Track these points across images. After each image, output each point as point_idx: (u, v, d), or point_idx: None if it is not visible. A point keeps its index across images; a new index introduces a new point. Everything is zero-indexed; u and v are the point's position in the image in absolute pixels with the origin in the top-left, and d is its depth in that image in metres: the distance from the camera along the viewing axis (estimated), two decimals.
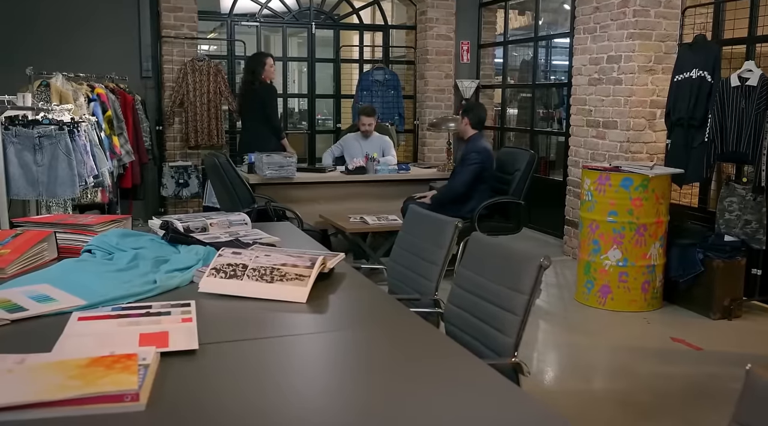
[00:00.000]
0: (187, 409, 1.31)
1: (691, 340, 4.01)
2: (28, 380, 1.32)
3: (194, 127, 6.89)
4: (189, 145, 6.95)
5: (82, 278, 2.07)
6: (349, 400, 1.41)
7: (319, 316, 1.91)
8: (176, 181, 7.00)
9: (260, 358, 1.60)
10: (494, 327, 1.90)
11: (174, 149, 7.03)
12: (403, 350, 1.68)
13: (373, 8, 8.07)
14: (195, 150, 6.99)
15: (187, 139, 6.92)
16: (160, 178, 6.98)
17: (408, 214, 2.77)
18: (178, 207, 7.08)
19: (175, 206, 7.08)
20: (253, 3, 7.43)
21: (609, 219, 4.48)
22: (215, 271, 2.04)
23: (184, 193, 7.00)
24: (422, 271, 2.49)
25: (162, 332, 1.65)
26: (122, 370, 1.36)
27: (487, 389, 1.44)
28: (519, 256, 1.94)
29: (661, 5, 5.09)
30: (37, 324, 1.75)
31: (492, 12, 8.13)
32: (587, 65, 5.62)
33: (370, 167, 5.50)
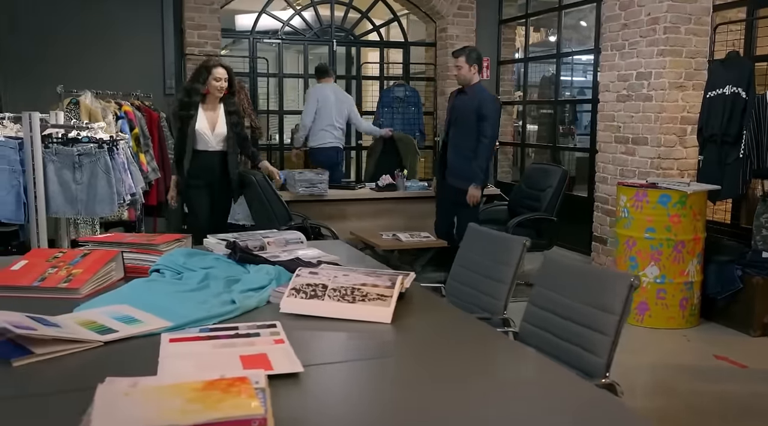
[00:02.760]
0: None
1: (735, 358, 3.98)
2: (149, 404, 1.30)
3: None
4: None
5: (158, 299, 2.05)
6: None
7: (409, 337, 1.89)
8: None
9: (367, 380, 1.58)
10: (582, 347, 1.89)
11: None
12: (503, 371, 1.67)
13: (387, 26, 8.11)
14: None
15: None
16: None
17: (468, 231, 2.75)
18: None
19: None
20: (274, 21, 7.48)
21: (646, 236, 4.47)
22: (295, 292, 2.03)
23: None
24: (487, 289, 2.48)
25: (260, 354, 1.63)
26: (240, 393, 1.34)
27: (594, 407, 1.42)
28: (604, 275, 1.93)
29: (692, 22, 5.10)
30: (128, 345, 1.73)
31: (511, 29, 8.17)
32: (615, 82, 5.63)
33: (400, 184, 5.50)
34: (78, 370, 1.59)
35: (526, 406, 1.46)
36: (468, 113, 4.88)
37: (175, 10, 6.93)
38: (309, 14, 7.68)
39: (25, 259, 2.30)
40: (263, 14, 7.33)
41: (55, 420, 1.37)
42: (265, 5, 7.35)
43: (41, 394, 1.47)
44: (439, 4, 7.67)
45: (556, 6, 7.10)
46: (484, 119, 4.83)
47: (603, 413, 1.46)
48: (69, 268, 2.22)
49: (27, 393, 1.48)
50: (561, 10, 7.04)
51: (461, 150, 4.85)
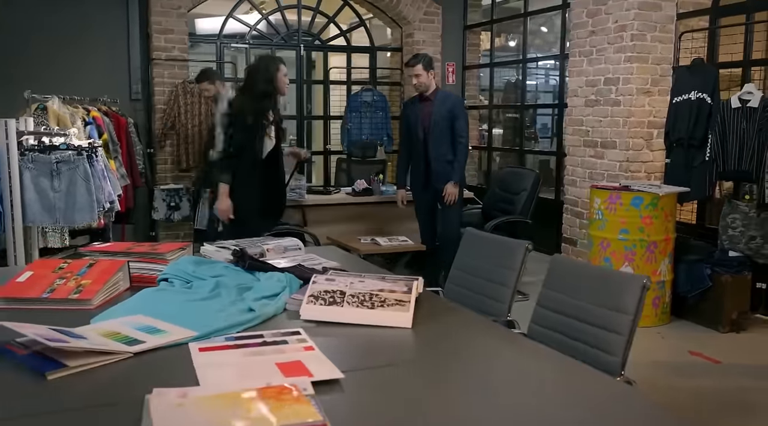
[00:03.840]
0: None
1: (708, 354, 4.14)
2: (207, 414, 1.31)
3: (186, 149, 6.82)
4: (180, 168, 6.87)
5: (174, 308, 2.04)
6: None
7: (431, 340, 1.93)
8: (168, 205, 6.89)
9: (402, 384, 1.61)
10: (596, 346, 1.95)
11: (165, 172, 6.94)
12: (525, 368, 1.72)
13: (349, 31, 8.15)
14: (186, 173, 6.92)
15: (178, 161, 6.85)
16: (151, 202, 6.87)
17: (466, 236, 2.81)
18: (169, 231, 7.00)
19: (167, 230, 6.99)
20: (240, 25, 7.44)
21: (620, 237, 4.60)
22: (314, 299, 2.05)
23: (175, 217, 6.90)
24: (490, 292, 2.53)
25: (295, 362, 1.65)
26: (294, 401, 1.36)
27: (622, 401, 1.49)
28: (616, 277, 2.00)
29: (657, 30, 5.28)
30: (157, 356, 1.72)
31: (476, 34, 8.30)
32: (583, 87, 5.77)
33: (375, 188, 5.53)
34: (110, 382, 1.58)
35: (554, 401, 1.52)
36: (441, 118, 4.94)
37: (141, 15, 6.83)
38: (275, 18, 7.66)
39: (30, 270, 2.26)
40: (230, 18, 7.29)
41: None
42: (232, 9, 7.30)
43: (77, 409, 1.46)
44: (405, 9, 7.74)
45: (521, 13, 7.23)
46: (458, 119, 4.92)
47: (632, 407, 1.53)
48: (77, 278, 2.19)
49: (62, 408, 1.46)
50: (526, 16, 7.18)
51: (443, 155, 4.91)
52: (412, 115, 5.08)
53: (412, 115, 5.08)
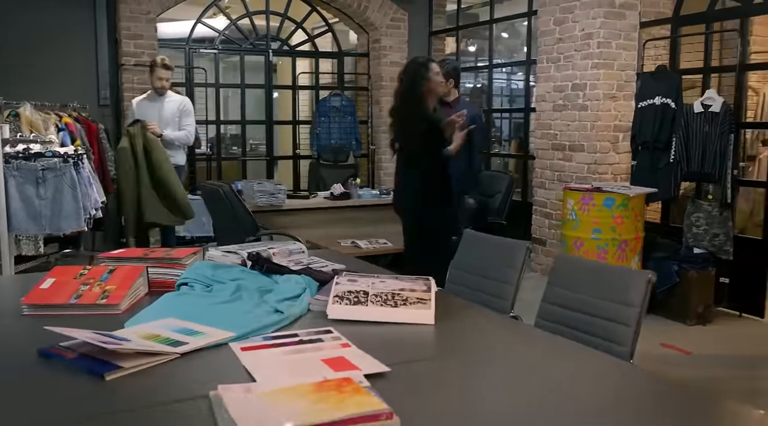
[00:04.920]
0: (430, 421, 1.43)
1: (679, 345, 4.36)
2: (279, 406, 1.39)
3: None
4: None
5: (202, 311, 2.11)
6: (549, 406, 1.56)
7: (454, 335, 2.05)
8: None
9: (440, 376, 1.72)
10: (605, 338, 2.10)
11: None
12: (552, 357, 1.86)
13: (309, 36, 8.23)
14: None
15: None
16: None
17: (465, 237, 2.93)
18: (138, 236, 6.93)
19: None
20: (209, 30, 7.45)
21: (593, 236, 4.80)
22: (339, 299, 2.14)
23: None
24: (493, 290, 2.66)
25: (339, 357, 1.74)
26: (354, 393, 1.46)
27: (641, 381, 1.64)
28: (622, 272, 2.15)
29: (622, 38, 5.52)
30: (201, 356, 1.79)
31: (441, 40, 8.47)
32: (551, 92, 5.98)
33: (353, 192, 5.63)
34: (164, 381, 1.65)
35: (579, 387, 1.65)
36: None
37: (109, 20, 6.79)
38: (243, 23, 7.69)
39: (51, 277, 2.29)
40: (194, 22, 7.29)
41: None
42: (201, 14, 7.31)
43: (137, 408, 1.52)
44: (372, 15, 7.86)
45: (488, 19, 7.42)
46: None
47: (656, 389, 1.68)
48: (101, 284, 2.24)
49: (124, 408, 1.53)
50: (492, 23, 7.38)
51: (460, 162, 4.90)
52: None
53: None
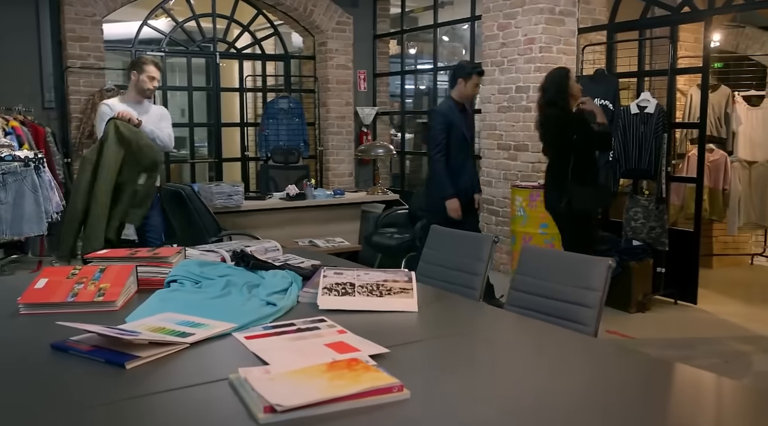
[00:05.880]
0: (432, 393, 1.60)
1: (623, 331, 4.67)
2: (298, 384, 1.54)
3: None
4: None
5: (197, 305, 2.22)
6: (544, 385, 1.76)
7: (437, 320, 2.24)
8: None
9: (432, 357, 1.90)
10: (571, 319, 2.31)
11: None
12: (527, 336, 2.06)
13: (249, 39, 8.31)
14: None
15: None
16: None
17: (432, 232, 3.11)
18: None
19: None
20: (155, 32, 7.43)
21: (540, 231, 5.08)
22: (327, 290, 2.29)
23: None
24: (462, 281, 2.84)
25: (339, 342, 1.89)
26: (364, 370, 1.62)
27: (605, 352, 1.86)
28: (584, 260, 2.37)
29: (562, 43, 5.83)
30: (209, 346, 1.91)
31: (385, 43, 8.67)
32: (496, 94, 6.25)
33: (308, 193, 5.76)
34: (181, 368, 1.77)
35: (555, 360, 1.86)
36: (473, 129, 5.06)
37: (53, 22, 6.71)
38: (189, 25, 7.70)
39: (43, 277, 2.36)
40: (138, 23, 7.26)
41: (181, 413, 1.55)
42: (147, 16, 7.29)
43: (160, 392, 1.64)
44: (318, 19, 7.99)
45: (432, 23, 7.66)
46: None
47: (621, 355, 1.90)
48: (95, 283, 2.32)
49: (146, 392, 1.64)
50: (436, 27, 7.62)
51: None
52: (461, 123, 4.78)
53: (461, 124, 4.78)
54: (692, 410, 1.64)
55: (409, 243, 5.48)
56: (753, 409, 1.64)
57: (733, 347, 4.45)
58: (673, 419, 1.57)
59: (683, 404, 1.69)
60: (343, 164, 8.35)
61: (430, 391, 1.62)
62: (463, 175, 4.76)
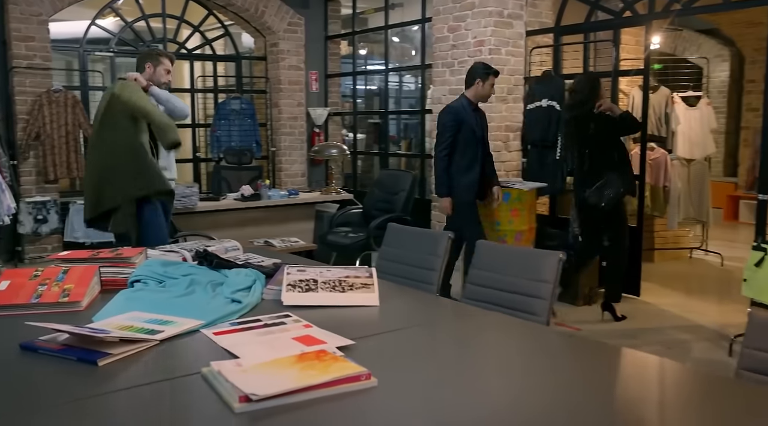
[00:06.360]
0: (397, 380, 1.69)
1: (569, 323, 4.85)
2: (271, 375, 1.60)
3: (52, 160, 6.65)
4: (47, 180, 6.69)
5: (161, 304, 2.26)
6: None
7: (397, 313, 2.33)
8: (34, 218, 6.67)
9: (395, 347, 1.99)
10: (524, 311, 2.43)
11: (30, 184, 6.71)
12: (487, 324, 2.17)
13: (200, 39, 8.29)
14: (53, 184, 6.75)
15: (45, 173, 6.65)
16: (16, 215, 6.61)
17: (389, 230, 3.20)
18: (36, 244, 6.76)
19: (33, 243, 6.75)
20: (104, 32, 7.33)
21: (494, 228, 5.22)
22: (291, 287, 2.36)
23: (43, 230, 6.70)
24: (420, 277, 2.94)
25: (307, 336, 1.97)
26: (333, 360, 1.70)
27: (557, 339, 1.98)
28: (535, 254, 2.50)
29: (510, 45, 5.99)
30: (178, 342, 1.96)
31: (336, 44, 8.73)
32: (447, 95, 6.37)
33: (263, 193, 5.79)
34: (152, 364, 1.82)
35: (511, 346, 1.98)
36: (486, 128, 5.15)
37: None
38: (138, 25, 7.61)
39: (5, 279, 2.36)
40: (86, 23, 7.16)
41: (156, 406, 1.60)
42: (95, 16, 7.19)
43: (130, 388, 1.69)
44: (270, 20, 8.00)
45: (383, 25, 7.76)
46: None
47: (571, 342, 2.03)
48: (59, 284, 2.33)
49: (117, 387, 1.69)
50: (387, 28, 7.72)
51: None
52: (473, 122, 4.89)
53: (473, 122, 4.89)
54: (638, 389, 1.77)
55: (364, 241, 5.58)
56: (695, 390, 1.78)
57: (674, 336, 4.67)
58: (621, 399, 1.69)
59: (630, 385, 1.82)
60: (296, 165, 8.38)
61: (396, 379, 1.71)
62: (470, 173, 4.90)
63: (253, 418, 1.47)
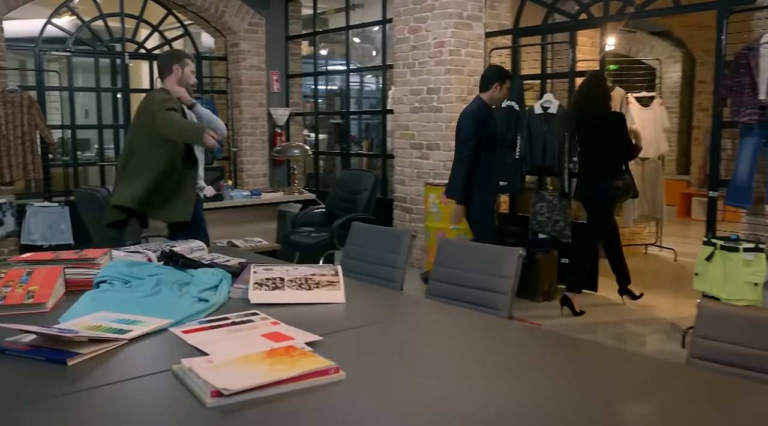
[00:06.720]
0: (365, 374, 1.74)
1: (530, 319, 4.95)
2: (241, 370, 1.64)
3: (8, 162, 6.53)
4: (3, 182, 6.56)
5: (128, 305, 2.27)
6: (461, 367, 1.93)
7: (363, 310, 2.38)
8: None
9: (359, 343, 2.04)
10: (486, 306, 2.50)
11: None
12: (450, 318, 2.24)
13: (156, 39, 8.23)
14: (9, 186, 6.63)
15: (0, 174, 6.53)
16: None
17: (354, 229, 3.25)
18: None
19: None
20: (62, 32, 7.22)
21: (453, 227, 5.30)
22: (258, 286, 2.39)
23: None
24: (383, 274, 3.00)
25: (275, 333, 2.00)
26: (302, 355, 1.74)
27: (518, 331, 2.06)
28: (497, 250, 2.57)
29: (470, 46, 6.10)
30: (147, 341, 1.98)
31: (297, 44, 8.74)
32: (408, 95, 6.46)
33: (225, 194, 5.78)
34: (122, 363, 1.84)
35: (474, 340, 2.04)
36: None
37: None
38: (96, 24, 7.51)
39: None
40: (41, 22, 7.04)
41: (127, 403, 1.62)
42: (51, 14, 7.07)
43: (100, 386, 1.70)
44: (230, 20, 7.97)
45: (344, 26, 7.80)
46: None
47: (532, 334, 2.10)
48: (23, 285, 2.33)
49: (87, 386, 1.70)
50: (348, 29, 7.76)
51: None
52: (491, 125, 4.88)
53: (491, 126, 4.88)
54: (596, 378, 1.85)
55: (327, 241, 5.62)
56: (649, 377, 1.87)
57: (630, 329, 4.81)
58: (580, 387, 1.77)
59: (588, 373, 1.90)
60: (258, 165, 8.37)
61: (363, 372, 1.76)
62: (493, 176, 4.92)
63: (224, 412, 1.50)
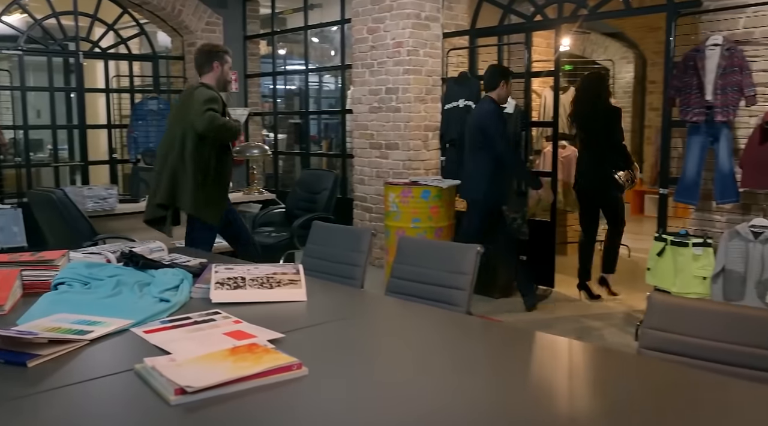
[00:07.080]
0: (327, 370, 1.77)
1: (490, 316, 5.04)
2: (205, 368, 1.66)
3: None
4: None
5: (87, 306, 2.26)
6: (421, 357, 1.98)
7: (324, 307, 2.41)
8: None
9: (333, 336, 2.08)
10: (445, 302, 2.55)
11: None
12: (410, 314, 2.28)
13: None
14: None
15: None
16: None
17: (314, 228, 3.28)
18: None
19: None
20: (13, 30, 7.07)
21: (413, 225, 5.36)
22: (220, 285, 2.40)
23: None
24: (344, 272, 3.03)
25: (238, 331, 2.02)
26: (264, 352, 1.77)
27: (477, 326, 2.12)
28: (455, 248, 2.63)
29: (428, 47, 6.16)
30: (108, 342, 1.98)
31: (255, 44, 8.71)
32: (367, 95, 6.50)
33: None
34: (83, 363, 1.83)
35: (435, 336, 2.10)
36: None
37: None
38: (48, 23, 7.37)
39: None
40: None
41: (89, 403, 1.63)
42: (1, 13, 6.92)
43: (61, 387, 1.70)
44: (187, 19, 7.90)
45: (303, 26, 7.80)
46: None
47: (491, 328, 2.16)
48: None
49: (48, 387, 1.70)
50: (307, 29, 7.77)
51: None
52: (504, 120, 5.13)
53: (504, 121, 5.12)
54: (552, 368, 1.91)
55: (287, 241, 5.62)
56: (601, 366, 1.94)
57: (586, 324, 4.94)
58: (537, 378, 1.84)
59: (546, 365, 1.96)
60: None
61: (325, 368, 1.79)
62: (502, 177, 5.12)
63: (188, 409, 1.52)
